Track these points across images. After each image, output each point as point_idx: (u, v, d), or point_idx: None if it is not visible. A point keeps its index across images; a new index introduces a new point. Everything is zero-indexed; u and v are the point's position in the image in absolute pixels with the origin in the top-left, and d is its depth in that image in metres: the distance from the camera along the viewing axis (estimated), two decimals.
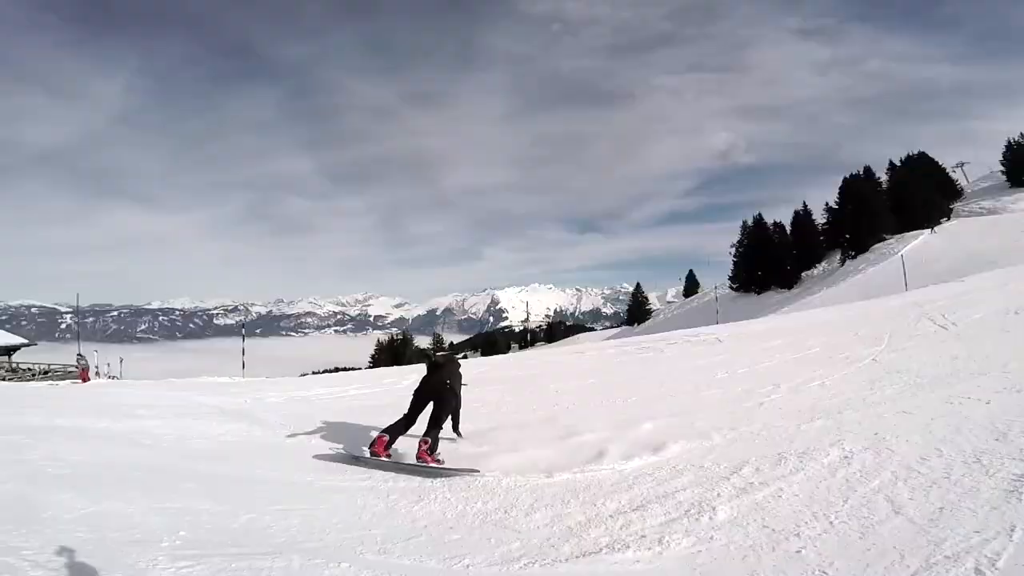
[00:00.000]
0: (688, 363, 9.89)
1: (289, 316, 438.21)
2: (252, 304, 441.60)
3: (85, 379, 16.30)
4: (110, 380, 20.04)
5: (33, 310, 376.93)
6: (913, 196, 43.07)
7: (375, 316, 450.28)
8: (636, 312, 61.26)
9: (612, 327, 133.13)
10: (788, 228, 49.55)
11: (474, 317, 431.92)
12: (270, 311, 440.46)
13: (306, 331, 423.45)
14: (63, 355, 37.61)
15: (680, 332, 16.67)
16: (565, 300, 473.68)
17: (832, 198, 47.95)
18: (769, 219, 51.03)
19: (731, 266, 51.22)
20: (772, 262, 46.64)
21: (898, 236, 41.71)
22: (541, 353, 28.18)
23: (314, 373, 31.95)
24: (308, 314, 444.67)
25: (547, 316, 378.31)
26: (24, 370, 30.74)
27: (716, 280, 59.24)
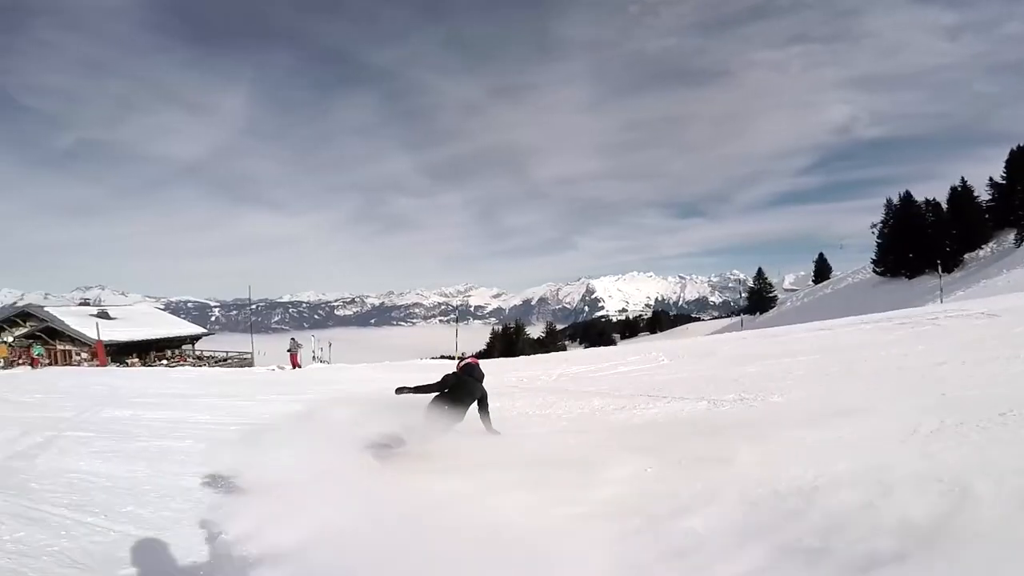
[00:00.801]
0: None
1: (399, 307, 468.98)
2: (367, 296, 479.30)
3: (295, 364, 18.56)
4: (322, 364, 22.33)
5: (189, 304, 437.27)
6: None
7: (475, 306, 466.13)
8: (759, 300, 57.59)
9: (722, 317, 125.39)
10: (944, 206, 43.82)
11: (568, 306, 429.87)
12: (383, 302, 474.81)
13: (414, 321, 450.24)
14: (226, 344, 43.95)
15: (908, 312, 14.31)
16: (667, 288, 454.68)
17: (989, 172, 41.94)
18: (909, 195, 45.75)
19: (874, 248, 46.43)
20: (927, 243, 41.54)
21: None
22: (667, 346, 26.97)
23: (432, 359, 34.47)
24: (416, 305, 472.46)
25: (647, 305, 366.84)
26: (207, 357, 36.57)
27: (849, 264, 54.06)
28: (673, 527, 3.02)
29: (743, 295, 65.29)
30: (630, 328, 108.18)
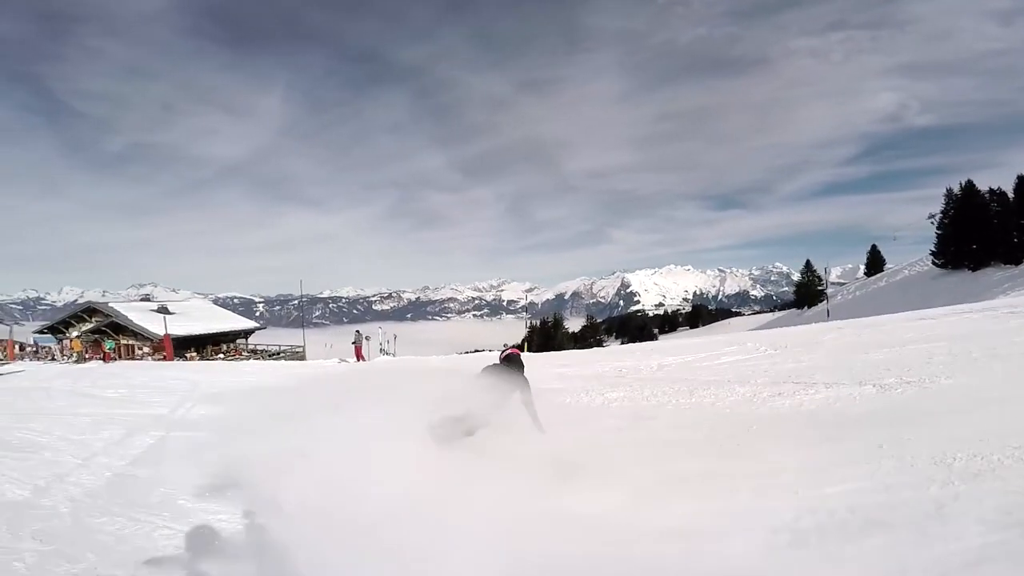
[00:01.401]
0: None
1: (434, 302, 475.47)
2: (403, 291, 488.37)
3: (360, 356, 18.78)
4: (389, 357, 22.34)
5: (235, 300, 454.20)
6: None
7: (508, 301, 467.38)
8: (807, 293, 55.46)
9: (764, 311, 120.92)
10: (1010, 195, 40.92)
11: (603, 301, 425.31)
12: (418, 297, 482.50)
13: (448, 316, 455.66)
14: (275, 338, 45.58)
15: None
16: (706, 282, 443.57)
17: None
18: (971, 184, 42.91)
19: (932, 239, 43.94)
20: (991, 234, 39.03)
21: None
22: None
23: (466, 353, 34.74)
24: (450, 299, 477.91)
25: (685, 299, 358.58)
26: (261, 351, 37.94)
27: (902, 257, 51.38)
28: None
29: (787, 288, 62.90)
30: (669, 323, 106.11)
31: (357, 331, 19.36)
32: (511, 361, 5.75)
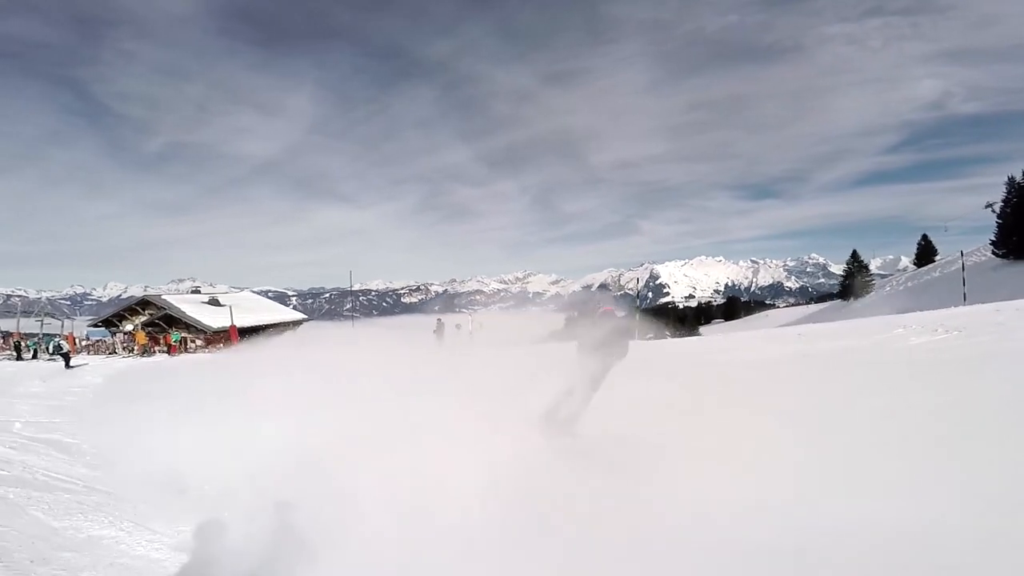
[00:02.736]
0: None
1: (462, 294, 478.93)
2: (431, 284, 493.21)
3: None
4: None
5: (269, 294, 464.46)
6: None
7: (533, 293, 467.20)
8: (853, 284, 53.56)
9: (800, 303, 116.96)
10: None
11: (631, 292, 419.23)
12: (446, 290, 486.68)
13: (475, 308, 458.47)
14: (319, 329, 46.61)
15: None
16: (738, 273, 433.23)
17: None
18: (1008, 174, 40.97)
19: (992, 228, 41.95)
20: None
21: None
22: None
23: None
24: (477, 292, 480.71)
25: (716, 291, 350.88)
26: None
27: (952, 247, 49.07)
28: None
29: (823, 280, 60.90)
30: (704, 314, 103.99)
31: (438, 319, 19.26)
32: (609, 319, 5.26)
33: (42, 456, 5.88)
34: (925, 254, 55.05)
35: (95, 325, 39.25)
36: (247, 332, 32.19)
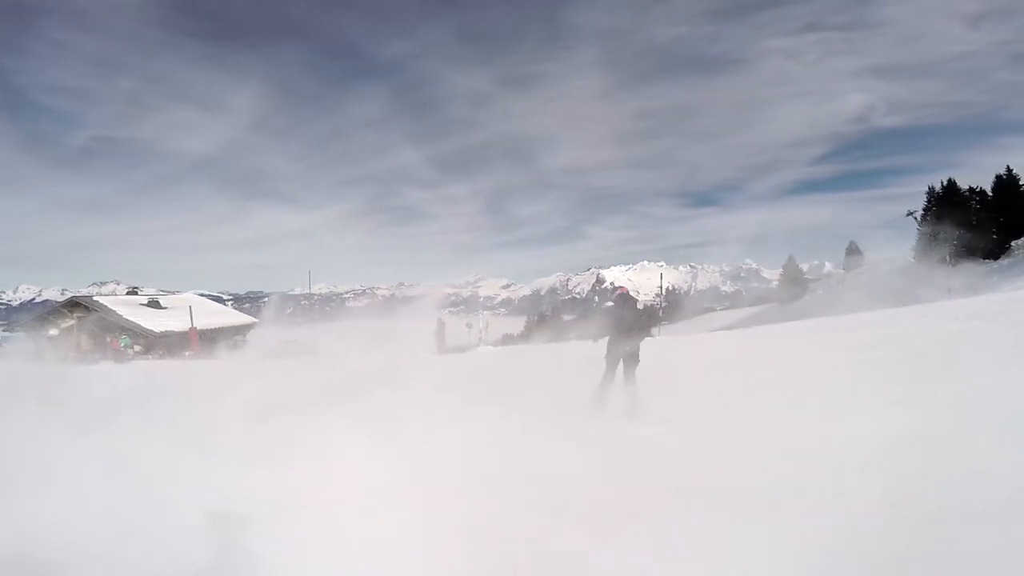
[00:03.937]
0: None
1: (410, 298, 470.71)
2: (378, 288, 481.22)
3: (440, 344, 18.28)
4: (490, 348, 21.69)
5: (203, 297, 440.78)
6: None
7: (484, 297, 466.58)
8: (789, 288, 57.17)
9: (735, 307, 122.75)
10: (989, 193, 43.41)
11: (578, 296, 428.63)
12: (393, 294, 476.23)
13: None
14: (268, 334, 44.24)
15: None
16: (678, 278, 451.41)
17: (1011, 160, 41.80)
18: (953, 183, 45.60)
19: (911, 235, 46.19)
20: (971, 231, 41.23)
21: None
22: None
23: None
24: (426, 296, 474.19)
25: (658, 295, 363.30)
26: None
27: (879, 254, 53.57)
28: None
29: (756, 284, 64.79)
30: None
31: (439, 319, 19.17)
32: (626, 301, 5.50)
33: None
34: (852, 259, 59.64)
35: (11, 330, 35.47)
36: (201, 337, 30.00)
